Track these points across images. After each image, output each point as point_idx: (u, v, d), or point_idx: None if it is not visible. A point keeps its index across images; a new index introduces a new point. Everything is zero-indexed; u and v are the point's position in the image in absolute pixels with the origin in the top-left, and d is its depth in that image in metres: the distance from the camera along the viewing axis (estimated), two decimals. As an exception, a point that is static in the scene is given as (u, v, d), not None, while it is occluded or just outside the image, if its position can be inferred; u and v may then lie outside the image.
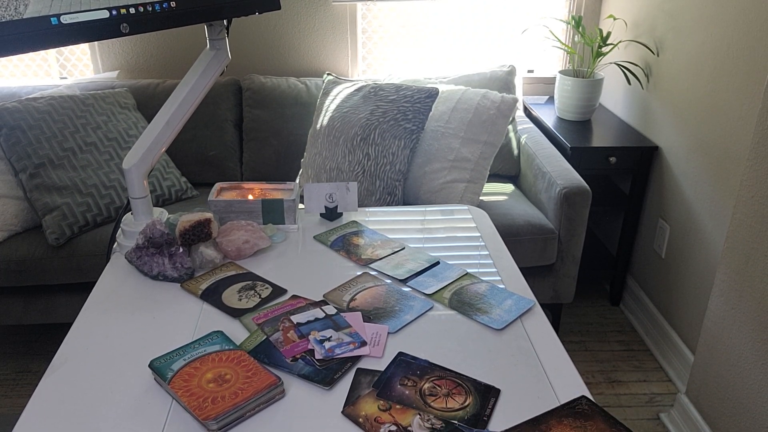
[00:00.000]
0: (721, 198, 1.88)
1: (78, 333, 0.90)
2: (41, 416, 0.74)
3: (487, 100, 2.14)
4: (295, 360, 0.82)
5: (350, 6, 2.58)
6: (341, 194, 1.21)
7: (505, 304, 0.95)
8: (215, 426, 0.71)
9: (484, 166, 2.12)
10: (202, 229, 1.03)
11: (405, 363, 0.82)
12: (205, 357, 0.80)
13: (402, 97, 2.08)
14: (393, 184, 2.03)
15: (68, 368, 0.82)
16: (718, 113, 1.89)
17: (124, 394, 0.78)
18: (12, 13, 0.82)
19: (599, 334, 2.32)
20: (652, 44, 2.28)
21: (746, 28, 1.74)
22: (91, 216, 2.02)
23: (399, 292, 0.99)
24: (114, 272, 1.05)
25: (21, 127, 2.02)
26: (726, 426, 1.65)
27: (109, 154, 2.13)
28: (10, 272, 1.98)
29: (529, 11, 2.66)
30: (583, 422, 0.72)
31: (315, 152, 2.18)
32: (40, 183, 1.98)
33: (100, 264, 1.95)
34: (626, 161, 2.26)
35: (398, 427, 0.71)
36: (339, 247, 1.12)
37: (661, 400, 2.00)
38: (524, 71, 2.79)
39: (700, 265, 2.00)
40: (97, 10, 0.90)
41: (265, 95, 2.42)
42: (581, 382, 0.79)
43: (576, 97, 2.42)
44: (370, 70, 2.75)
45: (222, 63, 1.17)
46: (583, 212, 2.02)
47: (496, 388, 0.78)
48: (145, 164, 1.10)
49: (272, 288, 0.99)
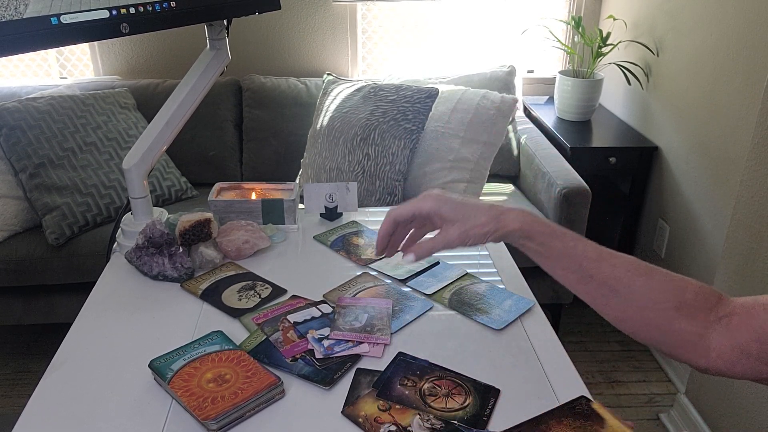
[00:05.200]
0: (721, 198, 1.88)
1: (78, 333, 0.90)
2: (41, 416, 0.74)
3: (487, 101, 2.14)
4: (295, 360, 0.82)
5: (350, 6, 2.58)
6: (341, 194, 1.21)
7: (505, 305, 0.95)
8: (215, 426, 0.71)
9: (484, 167, 2.12)
10: (202, 229, 1.03)
11: (405, 363, 0.82)
12: (205, 357, 0.80)
13: (402, 97, 2.08)
14: (393, 184, 2.03)
15: (68, 368, 0.82)
16: (718, 113, 1.89)
17: (124, 394, 0.78)
18: (12, 13, 0.82)
19: (599, 334, 2.32)
20: (652, 44, 2.28)
21: (746, 28, 1.74)
22: (91, 216, 2.02)
23: (399, 292, 0.99)
24: (114, 272, 1.05)
25: (21, 127, 2.02)
26: (726, 426, 1.65)
27: (109, 154, 2.13)
28: (10, 272, 1.98)
29: (529, 11, 2.66)
30: (582, 422, 0.72)
31: (315, 152, 2.18)
32: (40, 183, 1.98)
33: (100, 264, 1.95)
34: (626, 161, 2.26)
35: (398, 427, 0.71)
36: (339, 247, 1.12)
37: (660, 401, 2.01)
38: (524, 71, 2.79)
39: (700, 265, 2.00)
40: (97, 10, 0.90)
41: (265, 95, 2.42)
42: (581, 382, 0.79)
43: (576, 98, 2.42)
44: (370, 70, 2.75)
45: (222, 63, 1.17)
46: (583, 212, 2.02)
47: (496, 388, 0.78)
48: (145, 164, 1.10)
49: (272, 288, 0.99)
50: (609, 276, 0.67)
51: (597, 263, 0.68)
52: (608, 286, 0.67)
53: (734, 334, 0.63)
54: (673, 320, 0.65)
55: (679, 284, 0.66)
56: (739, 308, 0.64)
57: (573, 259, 0.69)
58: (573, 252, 0.69)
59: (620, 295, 0.67)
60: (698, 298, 0.65)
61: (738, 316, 0.63)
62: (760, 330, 0.61)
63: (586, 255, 0.69)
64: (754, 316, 0.62)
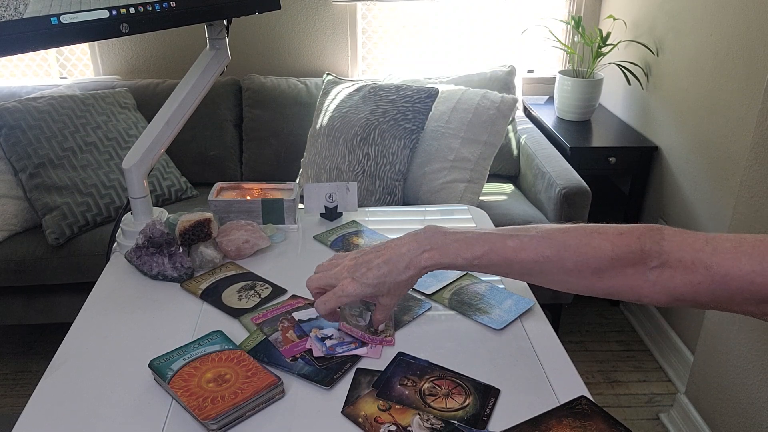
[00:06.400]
0: (721, 198, 1.88)
1: (78, 333, 0.90)
2: (41, 416, 0.74)
3: (487, 101, 2.14)
4: (295, 360, 0.82)
5: (350, 6, 2.58)
6: (341, 194, 1.21)
7: (505, 304, 0.95)
8: (215, 426, 0.71)
9: (483, 166, 2.12)
10: (202, 229, 1.03)
11: (405, 363, 0.82)
12: (205, 357, 0.80)
13: (402, 97, 2.08)
14: (393, 184, 2.03)
15: (68, 368, 0.82)
16: (717, 113, 1.89)
17: (124, 394, 0.78)
18: (12, 12, 0.82)
19: (599, 335, 2.32)
20: (652, 44, 2.28)
21: (746, 28, 1.74)
22: (90, 216, 2.02)
23: (399, 292, 0.99)
24: (114, 272, 1.05)
25: (21, 127, 2.02)
26: (725, 426, 1.65)
27: (109, 154, 2.13)
28: (10, 272, 1.98)
29: (529, 11, 2.66)
30: (582, 422, 0.72)
31: (315, 152, 2.18)
32: (40, 183, 1.98)
33: (99, 264, 1.95)
34: (626, 161, 2.26)
35: (398, 427, 0.71)
36: (339, 247, 1.12)
37: (660, 400, 2.01)
38: (524, 71, 2.79)
39: (699, 265, 2.00)
40: (97, 10, 0.90)
41: (265, 95, 2.42)
42: (581, 382, 0.79)
43: (576, 98, 2.42)
44: (370, 70, 2.75)
45: (222, 63, 1.17)
46: (583, 212, 2.02)
47: (496, 388, 0.78)
48: (145, 164, 1.10)
49: (272, 288, 0.99)
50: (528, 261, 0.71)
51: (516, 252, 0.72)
52: (529, 272, 0.73)
53: (667, 285, 0.65)
54: (596, 282, 0.69)
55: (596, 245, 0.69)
56: (674, 261, 0.65)
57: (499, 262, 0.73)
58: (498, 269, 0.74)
59: (543, 276, 0.72)
60: (620, 256, 0.67)
61: (671, 268, 0.65)
62: (698, 286, 0.63)
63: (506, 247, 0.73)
64: (692, 272, 0.63)
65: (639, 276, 0.67)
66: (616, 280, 0.68)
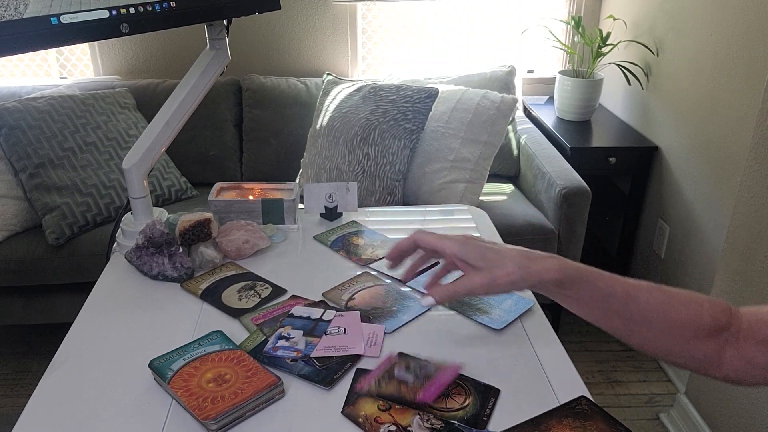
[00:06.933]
0: (721, 198, 1.88)
1: (78, 333, 0.90)
2: (41, 416, 0.75)
3: (487, 101, 2.14)
4: (295, 360, 0.82)
5: (350, 6, 2.58)
6: (341, 194, 1.21)
7: (505, 304, 0.95)
8: (215, 426, 0.71)
9: (483, 167, 2.12)
10: (202, 229, 1.03)
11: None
12: (205, 357, 0.80)
13: (402, 97, 2.08)
14: (393, 184, 2.03)
15: (68, 368, 0.82)
16: (717, 113, 1.89)
17: (124, 394, 0.78)
18: (12, 12, 0.82)
19: (599, 334, 2.32)
20: (652, 44, 2.28)
21: (746, 28, 1.74)
22: (90, 216, 2.02)
23: (398, 292, 0.99)
24: (114, 272, 1.05)
25: (21, 127, 2.02)
26: (725, 426, 1.65)
27: (109, 154, 2.13)
28: (10, 272, 1.98)
29: (529, 11, 2.66)
30: (582, 422, 0.72)
31: (315, 152, 2.18)
32: (40, 183, 1.98)
33: (99, 264, 1.95)
34: (626, 161, 2.26)
35: (398, 427, 0.71)
36: (339, 247, 1.12)
37: (660, 401, 2.01)
38: (524, 71, 2.79)
39: (699, 265, 2.00)
40: (97, 10, 0.90)
41: (265, 95, 2.42)
42: (581, 383, 0.79)
43: (576, 98, 2.42)
44: (370, 70, 2.75)
45: (222, 63, 1.17)
46: (583, 212, 2.02)
47: (496, 388, 0.78)
48: (145, 164, 1.10)
49: (272, 288, 0.99)
50: (634, 312, 0.69)
51: (624, 302, 0.69)
52: (634, 321, 0.70)
53: (742, 346, 0.67)
54: (691, 345, 0.69)
55: (696, 310, 0.69)
56: (745, 322, 0.68)
57: (601, 301, 0.70)
58: (601, 294, 0.71)
59: (642, 328, 0.70)
60: (713, 320, 0.68)
61: (744, 329, 0.67)
62: (763, 342, 0.65)
63: (614, 294, 0.70)
64: (756, 330, 0.66)
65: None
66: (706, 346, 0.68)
